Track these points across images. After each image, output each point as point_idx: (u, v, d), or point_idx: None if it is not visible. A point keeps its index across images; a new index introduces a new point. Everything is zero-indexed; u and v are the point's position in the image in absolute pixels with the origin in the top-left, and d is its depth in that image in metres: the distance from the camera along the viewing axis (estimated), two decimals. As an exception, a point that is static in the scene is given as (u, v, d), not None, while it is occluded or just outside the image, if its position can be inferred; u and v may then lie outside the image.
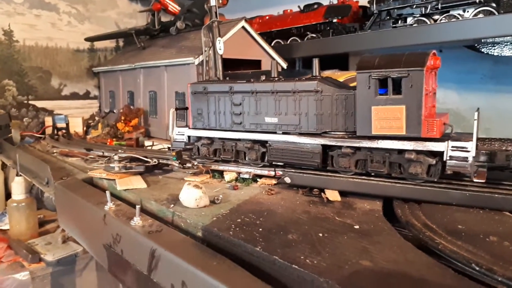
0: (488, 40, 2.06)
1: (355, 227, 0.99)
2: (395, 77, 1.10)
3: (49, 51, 2.79)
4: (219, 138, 1.50)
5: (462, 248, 0.83)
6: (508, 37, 1.91)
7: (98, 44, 3.06)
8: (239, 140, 1.46)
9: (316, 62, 1.32)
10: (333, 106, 1.26)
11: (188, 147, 1.58)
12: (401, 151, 1.15)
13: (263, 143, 1.41)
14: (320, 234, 0.95)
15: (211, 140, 1.52)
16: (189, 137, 1.58)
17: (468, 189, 1.08)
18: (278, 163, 1.39)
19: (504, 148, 1.63)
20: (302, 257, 0.83)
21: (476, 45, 2.18)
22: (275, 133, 1.38)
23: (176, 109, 1.62)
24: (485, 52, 2.20)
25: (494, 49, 2.19)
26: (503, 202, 1.03)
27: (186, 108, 1.59)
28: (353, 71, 2.23)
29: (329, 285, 0.73)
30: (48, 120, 2.59)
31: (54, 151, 2.11)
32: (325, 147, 1.28)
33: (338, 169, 1.27)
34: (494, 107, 2.22)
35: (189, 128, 1.58)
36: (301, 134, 1.33)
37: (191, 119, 1.57)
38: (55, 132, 2.47)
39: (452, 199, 1.08)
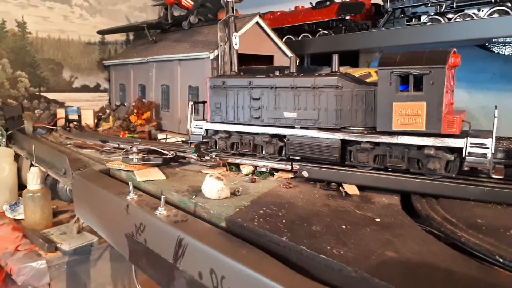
0: (499, 40, 2.08)
1: (376, 220, 1.02)
2: (417, 74, 1.12)
3: (61, 44, 2.81)
4: (237, 132, 1.53)
5: (484, 241, 0.85)
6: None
7: (109, 38, 3.08)
8: (257, 134, 1.48)
9: (336, 58, 1.34)
10: (353, 102, 1.28)
11: (205, 140, 1.60)
12: (420, 147, 1.17)
13: (281, 137, 1.43)
14: (343, 226, 0.98)
15: (229, 133, 1.55)
16: (206, 130, 1.60)
17: (486, 185, 1.10)
18: (296, 157, 1.42)
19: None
20: (328, 248, 0.85)
21: (487, 44, 2.20)
22: (293, 127, 1.40)
23: (194, 102, 1.64)
24: (496, 52, 2.22)
25: (505, 49, 2.21)
26: (521, 198, 1.05)
27: (204, 102, 1.61)
28: (364, 68, 2.25)
29: (357, 274, 0.76)
30: (60, 112, 2.60)
31: (68, 142, 2.13)
32: (343, 142, 1.30)
33: (356, 164, 1.29)
34: (504, 106, 2.24)
35: (207, 121, 1.60)
36: (320, 129, 1.35)
37: (209, 112, 1.59)
38: (67, 124, 2.49)
39: (470, 195, 1.10)
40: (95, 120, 2.64)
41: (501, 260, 0.78)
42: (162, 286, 1.11)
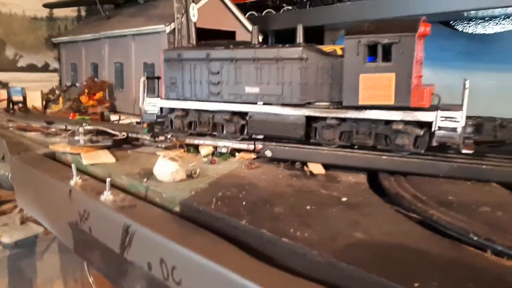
0: (463, 16, 2.06)
1: (342, 199, 0.95)
2: (386, 43, 1.04)
3: (3, 18, 2.55)
4: (195, 110, 1.41)
5: (456, 219, 0.80)
6: (482, 14, 1.92)
7: (58, 13, 2.84)
8: (216, 111, 1.37)
9: (300, 29, 1.25)
10: (318, 75, 1.20)
11: (160, 119, 1.47)
12: (388, 122, 1.11)
13: (242, 114, 1.33)
14: (308, 207, 0.90)
15: (186, 111, 1.43)
16: (161, 108, 1.47)
17: (455, 161, 1.05)
18: (258, 136, 1.32)
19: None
20: (291, 230, 0.77)
21: (451, 22, 2.18)
22: (255, 104, 1.30)
23: (147, 78, 1.50)
24: (460, 30, 2.20)
25: (469, 27, 2.20)
26: (491, 173, 1.01)
27: (159, 78, 1.48)
28: (329, 45, 2.18)
29: (323, 258, 0.68)
30: (3, 93, 2.38)
31: (10, 125, 1.94)
32: (309, 119, 1.22)
33: (322, 142, 1.22)
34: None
35: (162, 99, 1.47)
36: (284, 105, 1.26)
37: (163, 89, 1.46)
38: (11, 106, 2.28)
39: (439, 171, 1.05)
40: (44, 102, 2.44)
41: (475, 238, 0.72)
42: (109, 279, 1.00)
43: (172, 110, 1.46)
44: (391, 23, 1.07)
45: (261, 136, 1.32)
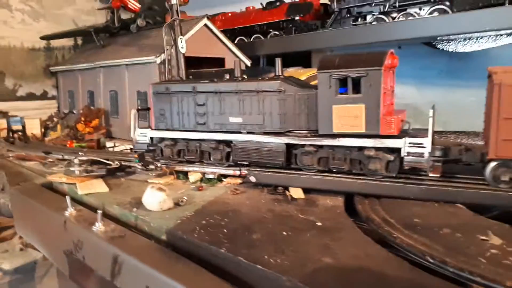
0: (443, 37, 2.15)
1: (317, 224, 1.02)
2: (355, 76, 1.13)
3: (2, 51, 2.65)
4: (183, 139, 1.49)
5: (418, 241, 0.87)
6: (461, 34, 2.00)
7: (55, 43, 2.94)
8: (203, 140, 1.45)
9: (278, 62, 1.33)
10: (296, 106, 1.28)
11: (151, 148, 1.55)
12: (361, 148, 1.18)
13: (227, 143, 1.41)
14: (284, 233, 0.97)
15: (175, 141, 1.51)
16: (151, 138, 1.55)
17: (424, 183, 1.12)
18: (244, 163, 1.40)
19: (458, 141, 1.71)
20: (266, 257, 0.84)
21: (432, 42, 2.26)
22: (239, 132, 1.38)
23: (138, 109, 1.59)
24: (441, 49, 2.29)
25: (450, 46, 2.28)
26: (457, 194, 1.08)
27: (148, 109, 1.56)
28: (313, 69, 2.26)
29: (292, 283, 0.75)
30: (2, 123, 2.46)
31: (10, 155, 2.02)
32: (289, 146, 1.30)
33: (302, 167, 1.29)
34: (450, 101, 2.32)
35: (152, 129, 1.55)
36: (265, 133, 1.34)
37: (153, 119, 1.54)
38: (11, 135, 2.36)
39: (410, 194, 1.12)
40: (42, 130, 2.52)
41: (431, 261, 0.79)
42: (103, 305, 1.07)
43: (162, 139, 1.54)
44: (360, 57, 1.15)
45: (246, 163, 1.39)
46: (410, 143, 1.12)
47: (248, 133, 1.37)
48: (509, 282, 0.69)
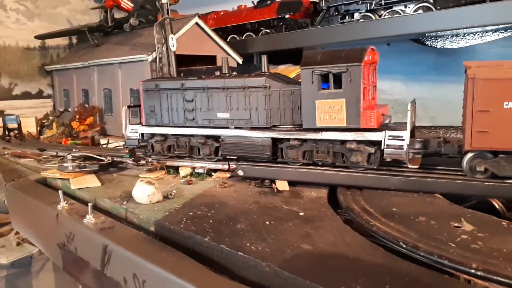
0: (431, 34, 2.19)
1: (300, 214, 1.05)
2: (336, 72, 1.16)
3: (-3, 50, 2.69)
4: (173, 135, 1.52)
5: (393, 229, 0.91)
6: (447, 31, 2.04)
7: (50, 42, 2.97)
8: (192, 135, 1.49)
9: (264, 59, 1.37)
10: (281, 101, 1.32)
11: (142, 144, 1.59)
12: (343, 142, 1.22)
13: (216, 138, 1.45)
14: (267, 222, 1.01)
15: (165, 136, 1.54)
16: (142, 134, 1.59)
17: (404, 175, 1.16)
18: (232, 157, 1.43)
19: (441, 135, 1.75)
20: (248, 244, 0.88)
21: (420, 38, 2.30)
22: (227, 128, 1.42)
23: (129, 106, 1.62)
24: (429, 45, 2.33)
25: (437, 42, 2.32)
26: (435, 185, 1.12)
27: (139, 106, 1.60)
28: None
29: (270, 268, 0.79)
30: (-2, 121, 2.49)
31: (6, 152, 2.05)
32: (275, 140, 1.34)
33: (288, 160, 1.33)
34: (438, 96, 2.36)
35: (142, 125, 1.59)
36: (252, 128, 1.38)
37: (143, 116, 1.58)
38: (6, 133, 2.39)
39: (390, 185, 1.16)
40: (38, 128, 2.56)
41: (404, 246, 0.83)
42: (94, 294, 1.10)
43: (152, 135, 1.57)
44: (340, 53, 1.19)
45: (234, 157, 1.43)
46: (389, 136, 1.15)
47: (236, 128, 1.40)
48: (475, 263, 0.73)
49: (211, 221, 1.03)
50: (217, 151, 1.46)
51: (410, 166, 1.17)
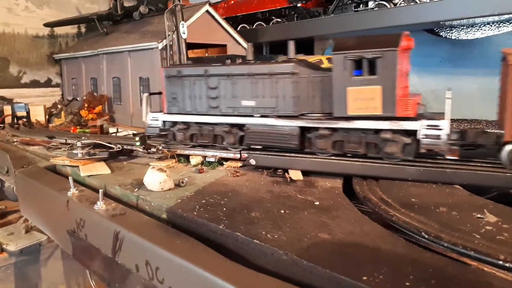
0: (446, 23, 2.14)
1: (315, 203, 1.03)
2: (370, 57, 1.11)
3: (6, 38, 2.67)
4: (195, 123, 1.48)
5: (414, 219, 0.88)
6: (464, 20, 1.99)
7: (59, 30, 2.96)
8: (216, 124, 1.44)
9: (291, 45, 1.32)
10: (310, 88, 1.26)
11: (163, 132, 1.54)
12: (377, 131, 1.17)
13: (240, 126, 1.40)
14: (282, 211, 0.98)
15: (187, 125, 1.50)
16: (164, 122, 1.54)
17: (422, 165, 1.13)
18: (256, 146, 1.39)
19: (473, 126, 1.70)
20: (263, 233, 0.86)
21: (435, 29, 2.25)
22: (252, 116, 1.37)
23: (150, 93, 1.58)
24: (444, 36, 2.28)
25: (452, 33, 2.27)
26: (454, 176, 1.08)
27: (160, 93, 1.55)
28: (318, 55, 2.26)
29: (288, 256, 0.76)
30: (7, 109, 2.49)
31: (15, 140, 2.04)
32: (302, 129, 1.29)
33: (316, 151, 1.28)
34: (453, 89, 2.31)
35: (164, 113, 1.54)
36: (278, 116, 1.32)
37: (165, 103, 1.52)
38: (15, 121, 2.39)
39: (408, 175, 1.13)
40: (47, 116, 2.55)
41: (426, 237, 0.80)
42: (104, 281, 1.09)
43: (174, 123, 1.53)
44: (375, 38, 1.14)
45: (258, 146, 1.39)
46: (427, 125, 1.10)
47: (261, 116, 1.36)
48: (502, 255, 0.70)
49: (224, 209, 1.01)
50: (241, 140, 1.42)
51: (448, 157, 1.12)
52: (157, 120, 1.56)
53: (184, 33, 1.79)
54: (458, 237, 0.78)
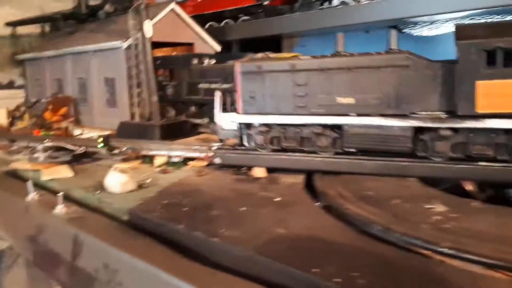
0: (409, 20, 2.20)
1: (276, 199, 1.04)
2: (508, 47, 0.97)
3: (-37, 38, 2.58)
4: (278, 124, 1.31)
5: (367, 211, 0.90)
6: (425, 17, 2.05)
7: (22, 30, 2.87)
8: (304, 125, 1.28)
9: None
10: (424, 83, 1.11)
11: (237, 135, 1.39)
12: (508, 131, 1.03)
13: (334, 127, 1.24)
14: (243, 208, 0.99)
15: (269, 127, 1.33)
16: (240, 124, 1.38)
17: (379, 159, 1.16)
18: (354, 150, 1.23)
19: None
20: (222, 231, 0.87)
21: (398, 26, 2.31)
22: (349, 115, 1.21)
23: (223, 91, 1.42)
24: (407, 32, 2.34)
25: (415, 30, 2.33)
26: (409, 169, 1.12)
27: (234, 91, 1.38)
28: (285, 54, 2.28)
29: (244, 252, 0.78)
30: (-34, 113, 2.40)
31: (-26, 145, 1.97)
32: (416, 130, 1.14)
33: (430, 155, 1.12)
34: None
35: (239, 114, 1.36)
36: (384, 115, 1.16)
37: (240, 103, 1.35)
38: (-25, 125, 2.31)
39: (366, 169, 1.16)
40: (9, 119, 2.47)
41: (376, 228, 0.83)
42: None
43: (248, 125, 1.36)
44: (509, 25, 1.06)
45: (358, 150, 1.24)
46: None
47: (360, 115, 1.20)
48: (445, 243, 0.73)
49: (186, 208, 1.01)
50: (334, 143, 1.25)
51: None
52: (232, 122, 1.38)
53: (148, 32, 1.77)
54: (407, 227, 0.81)
